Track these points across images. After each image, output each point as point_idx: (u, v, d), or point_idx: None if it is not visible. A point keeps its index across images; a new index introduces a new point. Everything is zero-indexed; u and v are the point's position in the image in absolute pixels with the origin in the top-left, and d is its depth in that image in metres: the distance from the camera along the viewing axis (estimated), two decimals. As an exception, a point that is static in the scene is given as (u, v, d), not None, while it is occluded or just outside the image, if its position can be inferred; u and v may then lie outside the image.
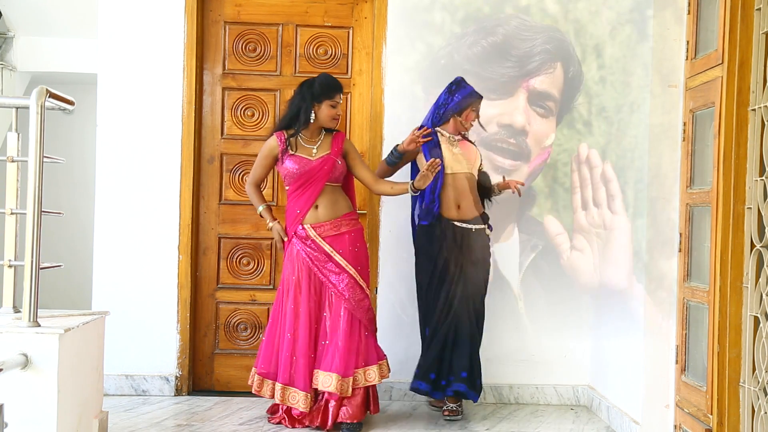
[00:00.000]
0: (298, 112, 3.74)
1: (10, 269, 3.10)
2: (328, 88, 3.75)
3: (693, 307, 3.31)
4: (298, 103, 3.75)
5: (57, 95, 3.04)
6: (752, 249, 2.87)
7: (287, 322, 3.72)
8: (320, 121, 3.77)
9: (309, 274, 3.72)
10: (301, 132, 3.76)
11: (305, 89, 3.76)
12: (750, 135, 2.90)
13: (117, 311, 3.89)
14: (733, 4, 2.94)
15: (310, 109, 3.73)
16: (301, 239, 3.74)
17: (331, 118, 3.77)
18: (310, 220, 3.74)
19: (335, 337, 3.67)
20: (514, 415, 4.13)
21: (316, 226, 3.73)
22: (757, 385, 2.81)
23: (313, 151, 3.77)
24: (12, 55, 5.53)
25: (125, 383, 4.29)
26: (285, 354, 3.70)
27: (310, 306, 3.71)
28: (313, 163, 3.73)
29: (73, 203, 5.89)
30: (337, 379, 3.60)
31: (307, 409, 3.66)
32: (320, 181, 3.74)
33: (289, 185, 3.78)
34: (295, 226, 3.75)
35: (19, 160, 3.10)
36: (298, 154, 3.74)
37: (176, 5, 4.30)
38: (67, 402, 2.83)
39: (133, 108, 4.32)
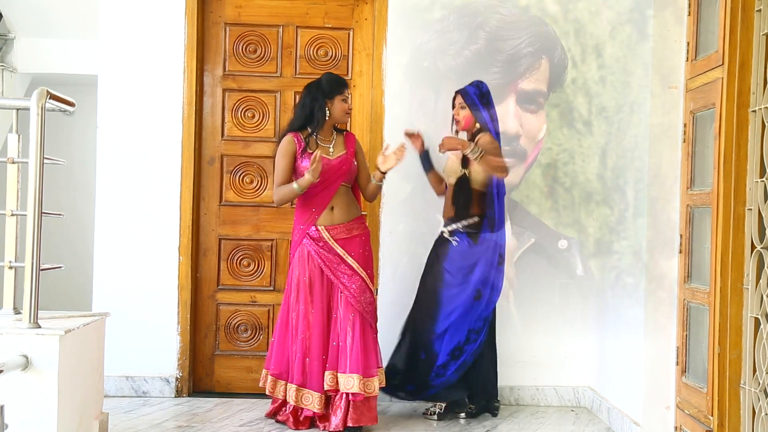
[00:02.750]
0: (312, 112, 3.74)
1: (11, 270, 3.11)
2: (337, 83, 3.77)
3: (693, 308, 3.31)
4: (310, 103, 3.75)
5: (57, 97, 3.04)
6: (753, 250, 2.87)
7: (299, 323, 3.70)
8: (335, 117, 3.78)
9: (321, 275, 3.71)
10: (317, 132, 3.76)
11: (314, 89, 3.76)
12: (750, 136, 2.90)
13: (117, 312, 3.89)
14: (734, 6, 2.94)
15: (324, 107, 3.73)
16: (313, 240, 3.72)
17: (345, 113, 3.79)
18: (324, 221, 3.73)
19: (348, 337, 3.65)
20: (515, 417, 4.13)
21: (330, 228, 3.73)
22: (758, 386, 2.81)
23: (330, 150, 3.77)
24: (12, 56, 5.53)
25: (126, 384, 4.29)
26: (298, 356, 3.69)
27: (321, 307, 3.70)
28: (332, 163, 3.74)
29: (74, 204, 5.89)
30: (359, 379, 3.60)
31: (321, 410, 3.66)
32: (337, 181, 3.75)
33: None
34: (308, 226, 3.74)
35: (19, 161, 3.10)
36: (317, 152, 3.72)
37: (176, 7, 4.30)
38: (68, 403, 2.83)
39: (133, 109, 4.32)
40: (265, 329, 4.41)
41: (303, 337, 3.69)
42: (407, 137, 4.03)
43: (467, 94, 3.99)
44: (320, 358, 3.68)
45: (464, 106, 3.99)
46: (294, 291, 3.75)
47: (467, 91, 4.00)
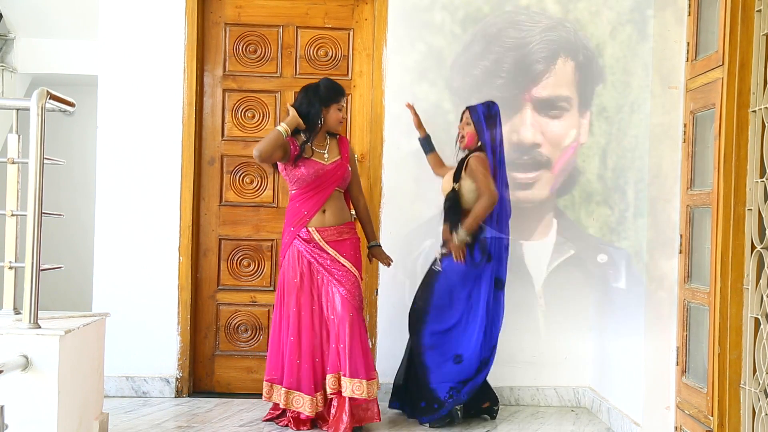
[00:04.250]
0: (307, 117, 3.71)
1: (11, 271, 3.11)
2: (335, 91, 3.75)
3: (693, 308, 3.31)
4: (306, 108, 3.72)
5: (57, 97, 3.04)
6: (753, 250, 2.87)
7: (290, 325, 3.70)
8: (328, 125, 3.76)
9: (311, 276, 3.71)
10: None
11: (311, 94, 3.73)
12: (750, 136, 2.90)
13: (117, 313, 3.89)
14: (734, 6, 2.94)
15: (319, 114, 3.72)
16: (303, 241, 3.72)
17: (338, 122, 3.78)
18: (316, 223, 3.72)
19: (347, 339, 3.62)
20: (515, 417, 4.13)
21: (321, 230, 3.72)
22: (758, 386, 2.81)
23: (324, 156, 3.75)
24: (13, 56, 5.53)
25: (126, 385, 4.29)
26: (289, 358, 3.68)
27: (313, 308, 3.70)
28: (327, 168, 3.72)
29: (74, 205, 5.89)
30: (367, 384, 3.61)
31: (313, 413, 3.65)
32: (331, 186, 3.74)
33: (297, 188, 3.74)
34: (299, 228, 3.72)
35: (19, 161, 3.10)
36: (313, 158, 3.71)
37: (177, 7, 4.30)
38: (68, 403, 2.83)
39: (133, 110, 4.32)
40: (265, 329, 4.41)
41: (294, 339, 3.68)
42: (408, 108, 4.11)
43: (475, 111, 3.95)
44: (312, 360, 3.67)
45: (470, 123, 3.95)
46: (285, 293, 3.73)
47: (476, 109, 3.96)
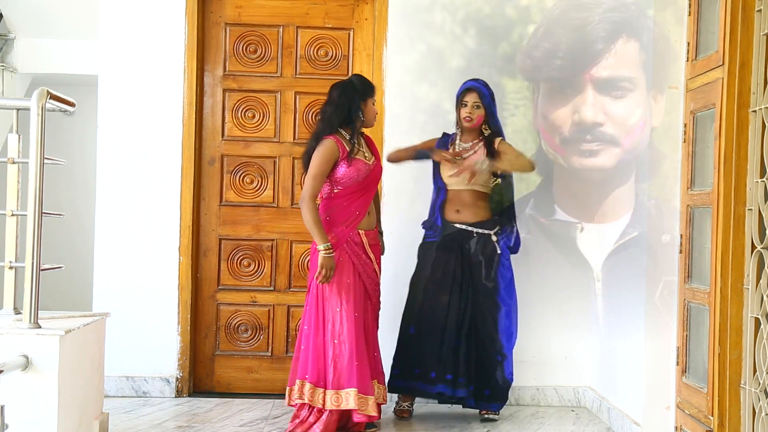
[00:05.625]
0: (349, 113, 3.57)
1: (11, 271, 3.11)
2: (369, 85, 3.67)
3: (694, 308, 3.30)
4: (346, 103, 3.58)
5: (58, 97, 3.04)
6: (753, 250, 2.86)
7: (353, 327, 3.52)
8: (366, 120, 3.65)
9: (357, 279, 3.63)
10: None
11: (349, 89, 3.59)
12: (750, 136, 2.90)
13: (117, 313, 3.88)
14: (734, 6, 2.93)
15: (359, 108, 3.59)
16: (355, 244, 3.62)
17: (374, 116, 3.69)
18: (364, 226, 3.66)
19: (376, 346, 3.73)
20: (515, 417, 4.13)
21: (368, 233, 3.68)
22: (758, 386, 2.80)
23: (365, 155, 3.67)
24: (13, 56, 5.53)
25: (126, 385, 4.29)
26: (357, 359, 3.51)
27: (366, 311, 3.68)
28: (371, 167, 3.65)
29: (74, 205, 5.89)
30: (384, 390, 3.74)
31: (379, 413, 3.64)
32: (375, 186, 3.72)
33: (342, 188, 3.61)
34: (350, 230, 3.60)
35: (19, 161, 3.10)
36: (358, 157, 3.61)
37: (177, 7, 4.30)
38: (68, 403, 2.83)
39: (133, 109, 4.32)
40: (266, 329, 4.41)
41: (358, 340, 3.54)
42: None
43: (484, 95, 3.89)
44: (365, 361, 3.57)
45: (480, 106, 3.90)
46: (336, 294, 3.55)
47: (483, 92, 3.90)
